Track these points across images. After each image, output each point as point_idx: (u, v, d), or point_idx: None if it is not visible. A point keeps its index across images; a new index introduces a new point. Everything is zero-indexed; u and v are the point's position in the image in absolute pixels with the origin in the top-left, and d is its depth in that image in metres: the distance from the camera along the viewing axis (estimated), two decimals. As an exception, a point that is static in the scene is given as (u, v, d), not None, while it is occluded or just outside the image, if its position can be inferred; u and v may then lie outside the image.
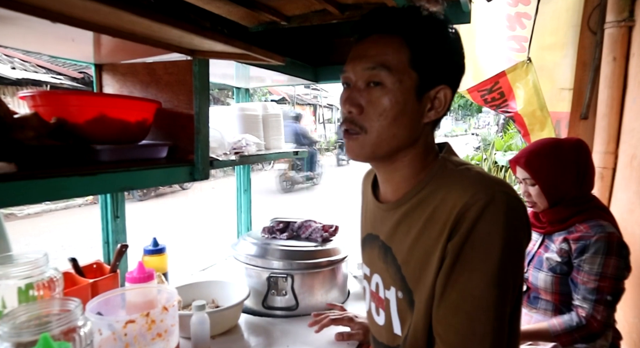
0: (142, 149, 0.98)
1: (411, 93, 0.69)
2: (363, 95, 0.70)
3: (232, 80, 1.74)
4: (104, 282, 1.11)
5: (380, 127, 0.70)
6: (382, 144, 0.71)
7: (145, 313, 0.84)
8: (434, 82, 0.70)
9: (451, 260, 0.64)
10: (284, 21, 1.62)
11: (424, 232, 0.69)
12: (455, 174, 0.70)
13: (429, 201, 0.70)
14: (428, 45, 0.69)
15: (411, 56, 0.68)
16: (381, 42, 0.70)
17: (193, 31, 0.74)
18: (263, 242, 1.30)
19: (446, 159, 0.74)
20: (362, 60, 0.70)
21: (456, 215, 0.64)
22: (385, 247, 0.78)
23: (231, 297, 1.22)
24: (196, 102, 1.01)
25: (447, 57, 0.71)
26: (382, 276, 0.80)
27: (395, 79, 0.68)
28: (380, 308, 0.81)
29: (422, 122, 0.72)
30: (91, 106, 0.87)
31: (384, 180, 0.80)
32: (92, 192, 0.79)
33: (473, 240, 0.63)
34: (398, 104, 0.69)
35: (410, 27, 0.69)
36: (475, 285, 0.62)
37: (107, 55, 1.10)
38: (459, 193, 0.65)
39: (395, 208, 0.76)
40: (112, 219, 1.26)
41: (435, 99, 0.71)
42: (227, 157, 1.18)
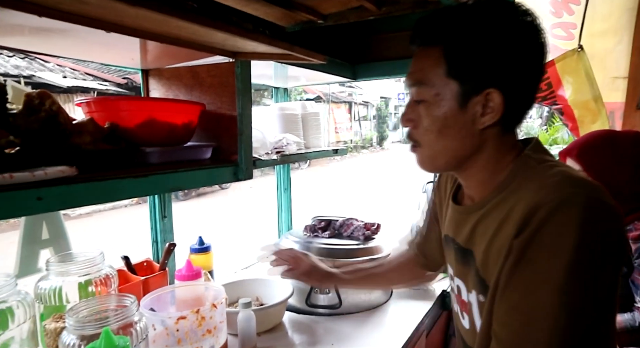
0: (188, 151, 1.01)
1: (452, 103, 0.67)
2: (414, 110, 0.72)
3: (270, 81, 1.76)
4: (154, 279, 1.15)
5: (429, 142, 0.71)
6: (437, 156, 0.72)
7: (196, 310, 0.87)
8: (479, 87, 0.66)
9: (515, 258, 0.61)
10: (320, 20, 1.62)
11: (499, 233, 0.66)
12: (535, 171, 0.66)
13: (508, 201, 0.66)
14: (466, 52, 0.65)
15: (448, 66, 0.66)
16: (421, 56, 0.70)
17: (238, 33, 0.75)
18: (305, 241, 1.31)
19: (529, 156, 0.69)
20: (408, 77, 0.72)
21: (527, 214, 0.60)
22: (464, 250, 0.76)
23: (275, 295, 1.24)
24: (239, 103, 1.03)
25: (492, 59, 0.65)
26: (462, 280, 0.78)
27: (433, 92, 0.68)
28: (464, 311, 0.79)
29: (477, 129, 0.68)
30: (141, 110, 0.91)
31: (463, 185, 0.79)
32: (144, 193, 0.82)
33: (540, 240, 0.58)
34: (439, 118, 0.68)
35: (449, 35, 0.67)
36: (537, 287, 0.58)
37: (153, 61, 1.14)
38: (533, 192, 0.62)
39: (473, 211, 0.74)
40: (160, 219, 1.30)
41: (487, 103, 0.67)
42: (269, 156, 1.20)
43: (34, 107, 0.71)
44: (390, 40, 1.69)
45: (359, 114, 19.68)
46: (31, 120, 0.70)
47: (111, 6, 0.59)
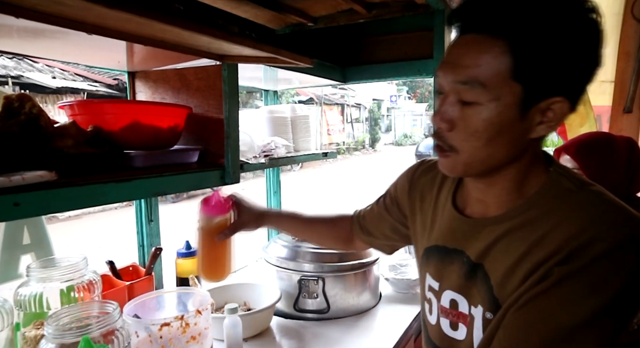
0: (174, 154, 1.00)
1: (513, 109, 0.58)
2: (455, 110, 0.61)
3: (260, 83, 1.76)
4: (139, 285, 1.14)
5: (472, 148, 0.61)
6: (475, 164, 0.63)
7: (180, 316, 0.86)
8: (545, 93, 0.57)
9: (550, 283, 0.56)
10: (310, 22, 1.62)
11: (527, 257, 0.60)
12: (578, 197, 0.61)
13: (539, 223, 0.61)
14: (539, 50, 0.55)
15: (514, 65, 0.56)
16: (477, 46, 0.58)
17: (221, 37, 0.74)
18: (294, 245, 1.30)
19: (560, 174, 0.64)
20: (454, 70, 0.60)
21: (579, 244, 0.56)
22: (474, 264, 0.69)
23: (263, 299, 1.23)
24: (226, 107, 1.02)
25: (566, 62, 0.56)
26: (463, 294, 0.72)
27: (492, 96, 0.57)
28: (461, 323, 0.73)
29: (528, 138, 0.61)
30: (125, 113, 0.90)
31: (481, 190, 0.70)
32: (128, 197, 0.81)
33: (586, 274, 0.55)
34: (494, 125, 0.59)
35: (516, 27, 0.55)
36: (564, 317, 0.55)
37: (140, 63, 1.12)
38: (584, 224, 0.57)
39: (493, 224, 0.67)
40: (147, 223, 1.29)
41: (549, 111, 0.59)
42: (257, 160, 1.19)
43: (13, 110, 0.70)
44: (380, 43, 1.70)
45: (351, 116, 19.71)
46: (10, 123, 0.69)
47: (89, 8, 0.58)
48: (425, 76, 1.56)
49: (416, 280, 1.39)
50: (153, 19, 0.62)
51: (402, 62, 1.62)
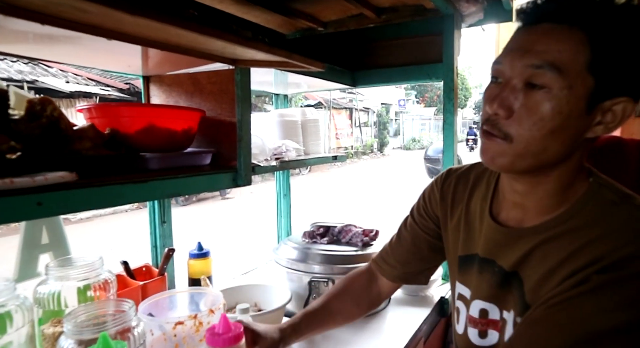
0: (187, 157, 1.02)
1: (581, 102, 0.57)
2: (518, 96, 0.59)
3: (270, 87, 1.78)
4: (153, 285, 1.16)
5: (531, 138, 0.59)
6: (527, 156, 0.61)
7: (193, 315, 0.87)
8: (614, 92, 0.57)
9: (586, 288, 0.56)
10: (320, 27, 1.64)
11: (565, 264, 0.60)
12: (622, 209, 0.61)
13: (581, 233, 0.60)
14: (616, 45, 0.55)
15: (591, 57, 0.55)
16: (555, 34, 0.57)
17: (236, 42, 0.76)
18: (304, 247, 1.31)
19: (602, 185, 0.64)
20: (525, 55, 0.58)
21: (618, 257, 0.56)
22: (508, 273, 0.69)
23: (273, 300, 1.24)
24: (238, 110, 1.04)
25: (637, 63, 0.56)
26: (494, 303, 0.72)
27: (565, 83, 0.56)
28: (491, 330, 0.73)
29: (584, 137, 0.60)
30: (141, 117, 0.92)
31: (521, 193, 0.68)
32: (143, 198, 0.83)
33: (625, 287, 0.55)
34: (561, 115, 0.57)
35: (596, 19, 0.56)
36: (595, 322, 0.55)
37: (154, 68, 1.15)
38: (629, 239, 0.57)
39: (531, 234, 0.66)
40: (160, 224, 1.31)
41: (609, 112, 0.58)
42: (268, 162, 1.21)
43: (35, 113, 0.72)
44: (390, 48, 1.71)
45: (359, 120, 19.73)
46: (32, 126, 0.71)
47: (111, 14, 0.60)
48: (435, 80, 1.57)
49: (426, 283, 1.39)
50: (171, 25, 0.64)
51: (411, 66, 1.63)
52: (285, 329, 0.88)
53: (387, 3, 1.53)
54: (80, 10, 0.58)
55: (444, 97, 1.52)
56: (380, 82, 1.71)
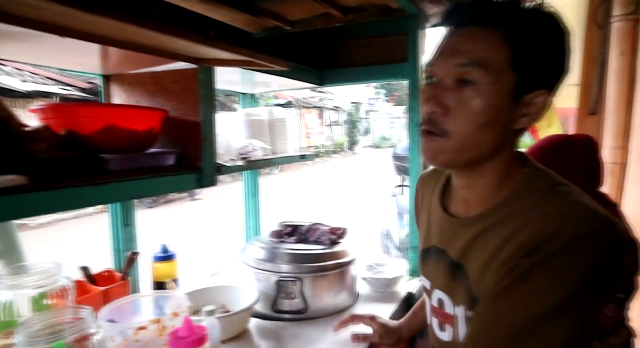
0: (150, 157, 0.99)
1: (507, 95, 0.62)
2: (451, 94, 0.64)
3: (237, 86, 1.76)
4: (115, 290, 1.13)
5: (466, 133, 0.63)
6: (465, 150, 0.65)
7: (156, 319, 0.85)
8: (534, 85, 0.63)
9: (516, 276, 0.59)
10: (287, 26, 1.64)
11: (501, 251, 0.63)
12: (547, 195, 0.64)
13: (511, 220, 0.63)
14: (532, 43, 0.61)
15: (512, 54, 0.61)
16: (478, 35, 0.63)
17: (198, 41, 0.75)
18: (271, 246, 1.31)
19: (534, 174, 0.67)
20: (454, 55, 0.63)
21: (542, 238, 0.58)
22: (455, 264, 0.72)
23: (240, 301, 1.23)
24: (202, 110, 1.02)
25: (552, 57, 0.63)
26: (448, 293, 0.74)
27: (492, 78, 0.61)
28: (447, 324, 0.76)
29: (512, 128, 0.65)
30: (99, 117, 0.89)
31: (464, 188, 0.73)
32: (103, 201, 0.80)
33: (551, 267, 0.57)
34: (491, 108, 0.62)
35: (513, 20, 0.62)
36: (529, 308, 0.57)
37: (114, 66, 1.12)
38: (550, 218, 0.59)
39: (472, 224, 0.70)
40: (122, 227, 1.27)
41: (532, 104, 0.64)
42: (234, 162, 1.19)
43: (-18, 114, 0.69)
44: (357, 47, 1.73)
45: (330, 119, 19.80)
46: (-21, 127, 0.68)
47: (67, 12, 0.58)
48: (401, 79, 1.60)
49: (393, 279, 1.41)
50: (130, 23, 0.63)
51: (378, 65, 1.65)
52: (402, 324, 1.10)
53: (354, 3, 1.54)
54: (35, 7, 0.55)
55: (409, 96, 1.55)
56: (347, 81, 1.72)
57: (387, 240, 4.19)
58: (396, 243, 3.88)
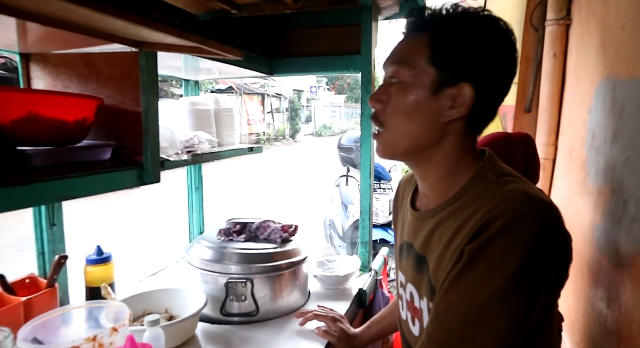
0: (82, 151, 0.88)
1: (426, 89, 0.69)
2: (385, 91, 0.73)
3: (179, 72, 1.63)
4: (39, 299, 0.99)
5: (395, 123, 0.71)
6: (399, 140, 0.72)
7: (92, 336, 0.76)
8: (454, 79, 0.68)
9: (464, 263, 0.62)
10: (234, 10, 1.53)
11: (452, 241, 0.66)
12: (493, 185, 0.67)
13: (462, 211, 0.67)
14: (449, 43, 0.68)
15: (431, 53, 0.68)
16: (409, 40, 0.72)
17: (142, 23, 0.66)
18: (219, 246, 1.23)
19: (487, 168, 0.71)
20: (390, 57, 0.73)
21: (482, 224, 0.61)
22: (419, 256, 0.75)
23: (186, 305, 1.14)
24: (144, 99, 0.92)
25: (472, 54, 0.67)
26: (416, 286, 0.77)
27: (411, 74, 0.69)
28: (416, 318, 0.78)
29: (441, 120, 0.70)
30: (19, 104, 0.76)
31: (420, 180, 0.79)
32: (24, 204, 0.68)
33: (490, 249, 0.59)
34: (412, 100, 0.69)
35: (437, 25, 0.69)
36: (478, 293, 0.59)
37: (36, 44, 0.97)
38: (491, 204, 0.63)
39: (430, 217, 0.74)
40: (48, 227, 1.13)
41: (457, 97, 0.68)
42: (179, 156, 1.10)
43: None
44: (308, 36, 1.67)
45: (271, 106, 19.52)
46: None
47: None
48: (353, 71, 1.57)
49: (345, 277, 1.40)
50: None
51: (329, 56, 1.61)
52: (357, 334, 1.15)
53: (306, -11, 1.47)
54: None
55: (361, 89, 1.52)
56: (298, 71, 1.66)
57: (330, 229, 4.22)
58: (339, 233, 3.92)
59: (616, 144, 1.43)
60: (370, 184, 1.54)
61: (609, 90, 1.51)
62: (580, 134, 1.81)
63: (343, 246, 3.80)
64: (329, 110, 28.22)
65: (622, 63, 1.43)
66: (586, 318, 1.60)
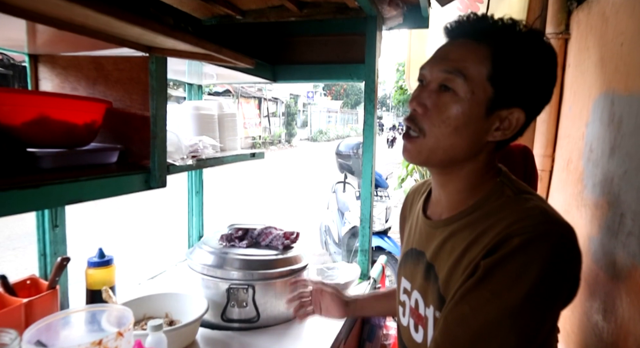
0: (89, 154, 0.88)
1: (481, 107, 0.66)
2: (432, 96, 0.69)
3: (183, 76, 1.64)
4: (40, 301, 0.99)
5: (439, 133, 0.68)
6: (439, 151, 0.69)
7: (98, 340, 0.75)
8: (509, 102, 0.66)
9: (478, 277, 0.61)
10: (239, 15, 1.55)
11: (466, 253, 0.66)
12: (512, 201, 0.67)
13: (478, 224, 0.67)
14: (513, 63, 0.65)
15: (492, 70, 0.65)
16: (466, 47, 0.68)
17: (160, 31, 0.66)
18: (221, 251, 1.23)
19: (505, 183, 0.71)
20: (441, 62, 0.69)
21: (499, 240, 0.61)
22: (429, 265, 0.75)
23: (187, 310, 1.14)
24: (153, 104, 0.92)
25: (530, 80, 0.66)
26: (422, 294, 0.76)
27: (469, 89, 0.66)
28: (420, 325, 0.78)
29: (485, 139, 0.69)
30: (30, 106, 0.76)
31: (438, 187, 0.77)
32: (35, 207, 0.69)
33: (506, 265, 0.59)
34: (464, 115, 0.66)
35: (501, 40, 0.66)
36: (491, 309, 0.59)
37: (45, 46, 0.97)
38: (510, 221, 0.62)
39: (443, 226, 0.73)
40: (51, 228, 1.12)
41: (506, 120, 0.67)
42: (184, 161, 1.10)
43: None
44: (312, 44, 1.68)
45: (268, 110, 19.53)
46: None
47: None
48: (357, 80, 1.58)
49: (344, 284, 1.40)
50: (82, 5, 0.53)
51: (333, 64, 1.62)
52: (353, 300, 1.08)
53: (310, -3, 1.49)
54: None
55: (364, 99, 1.53)
56: (301, 79, 1.67)
57: (326, 236, 4.22)
58: (335, 240, 3.92)
59: (614, 157, 1.45)
60: (371, 192, 1.54)
61: (607, 104, 1.54)
62: (577, 146, 1.83)
63: (338, 252, 3.80)
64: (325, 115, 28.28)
65: (620, 78, 1.45)
66: (582, 329, 1.62)
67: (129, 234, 5.19)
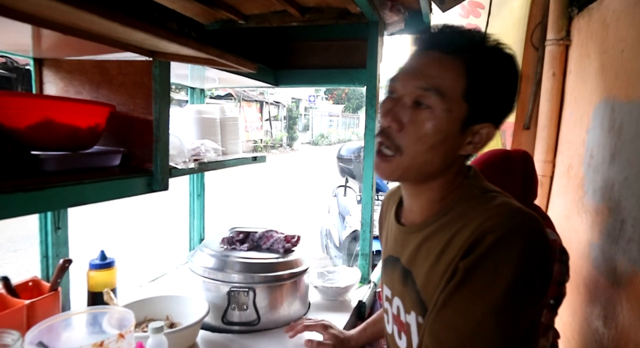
0: (92, 157, 0.89)
1: (457, 124, 0.67)
2: (407, 112, 0.67)
3: (185, 80, 1.65)
4: (42, 303, 1.00)
5: (416, 151, 0.67)
6: (414, 168, 0.69)
7: (99, 342, 0.76)
8: (482, 118, 0.68)
9: (458, 279, 0.62)
10: (241, 20, 1.56)
11: (442, 256, 0.67)
12: (480, 201, 0.68)
13: (450, 226, 0.68)
14: (487, 79, 0.66)
15: (468, 87, 0.66)
16: (442, 62, 0.67)
17: (164, 36, 0.67)
18: (222, 254, 1.24)
19: (472, 185, 0.72)
20: (417, 77, 0.67)
21: (474, 240, 0.62)
22: (406, 270, 0.75)
23: (188, 313, 1.15)
24: (156, 107, 0.93)
25: (502, 95, 0.68)
26: (402, 300, 0.77)
27: (446, 106, 0.65)
28: (402, 332, 0.78)
29: (458, 153, 0.70)
30: (35, 109, 0.77)
31: (410, 197, 0.77)
32: (39, 209, 0.70)
33: (484, 264, 0.60)
34: (440, 133, 0.66)
35: (475, 54, 0.66)
36: (475, 309, 0.60)
37: (50, 50, 0.98)
38: (482, 220, 0.63)
39: (417, 231, 0.74)
40: (53, 230, 1.13)
41: (477, 134, 0.69)
42: (186, 164, 1.11)
43: None
44: (314, 49, 1.69)
45: (269, 113, 19.58)
46: None
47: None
48: (358, 85, 1.59)
49: (345, 288, 1.41)
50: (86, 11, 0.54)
51: (335, 69, 1.63)
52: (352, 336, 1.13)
53: (312, 3, 1.51)
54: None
55: (366, 103, 1.54)
56: (303, 83, 1.68)
57: (327, 239, 4.22)
58: (336, 244, 3.92)
59: (614, 163, 1.45)
60: (372, 197, 1.55)
61: (608, 111, 1.54)
62: (578, 152, 1.84)
63: (339, 256, 3.80)
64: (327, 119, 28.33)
65: (621, 85, 1.46)
66: (582, 335, 1.62)
67: (130, 237, 5.20)
